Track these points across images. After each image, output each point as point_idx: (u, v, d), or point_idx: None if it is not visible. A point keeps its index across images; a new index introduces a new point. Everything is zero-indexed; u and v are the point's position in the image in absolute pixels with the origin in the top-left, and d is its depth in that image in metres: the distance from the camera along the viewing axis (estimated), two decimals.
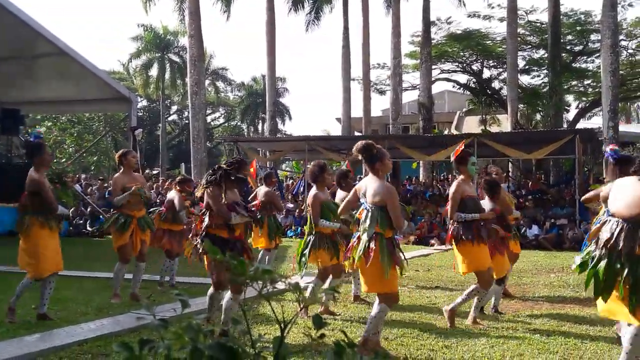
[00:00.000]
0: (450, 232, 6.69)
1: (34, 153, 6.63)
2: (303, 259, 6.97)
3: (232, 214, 5.72)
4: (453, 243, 6.63)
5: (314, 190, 7.14)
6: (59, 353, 5.32)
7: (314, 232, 7.01)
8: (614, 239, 4.29)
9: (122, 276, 7.87)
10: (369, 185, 5.50)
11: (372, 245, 5.28)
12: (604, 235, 4.37)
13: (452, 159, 6.69)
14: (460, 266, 6.62)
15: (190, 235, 6.89)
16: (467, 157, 6.61)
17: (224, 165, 6.01)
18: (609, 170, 5.84)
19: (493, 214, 6.83)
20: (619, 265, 4.27)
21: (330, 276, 7.23)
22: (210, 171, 6.01)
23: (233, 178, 5.89)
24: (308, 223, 7.17)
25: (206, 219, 5.93)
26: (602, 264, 4.35)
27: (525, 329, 6.47)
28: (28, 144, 6.98)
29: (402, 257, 5.53)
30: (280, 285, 1.30)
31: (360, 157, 5.63)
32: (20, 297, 6.64)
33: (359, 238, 5.48)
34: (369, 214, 5.38)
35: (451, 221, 6.68)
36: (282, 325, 1.20)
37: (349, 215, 6.50)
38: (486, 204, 7.21)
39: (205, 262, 5.95)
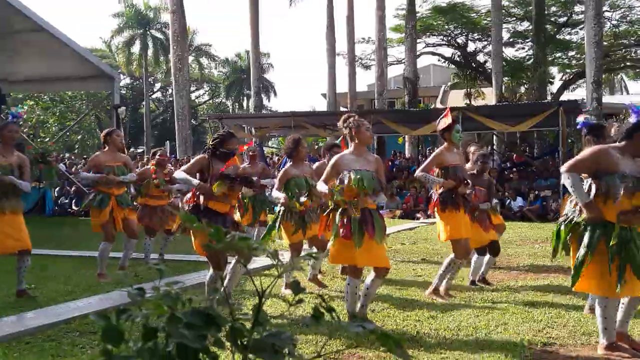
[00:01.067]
0: (434, 201, 6.72)
1: None
2: (272, 231, 7.00)
3: (182, 175, 5.76)
4: (435, 211, 6.66)
5: (287, 165, 7.17)
6: (47, 332, 5.31)
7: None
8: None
9: (106, 255, 7.81)
10: None
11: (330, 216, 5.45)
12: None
13: (440, 126, 6.64)
14: (441, 234, 6.65)
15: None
16: (452, 124, 6.62)
17: (209, 142, 6.04)
18: (585, 141, 5.88)
19: (452, 183, 6.67)
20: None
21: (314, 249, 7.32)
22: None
23: (218, 153, 5.89)
24: None
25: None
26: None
27: (509, 299, 6.55)
28: None
29: (377, 230, 5.39)
30: (259, 254, 1.31)
31: (344, 130, 5.70)
32: None
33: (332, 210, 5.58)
34: None
35: (435, 190, 6.71)
36: (260, 292, 1.21)
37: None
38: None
39: (194, 242, 5.76)
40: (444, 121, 6.58)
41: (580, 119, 6.02)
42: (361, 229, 5.28)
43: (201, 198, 5.79)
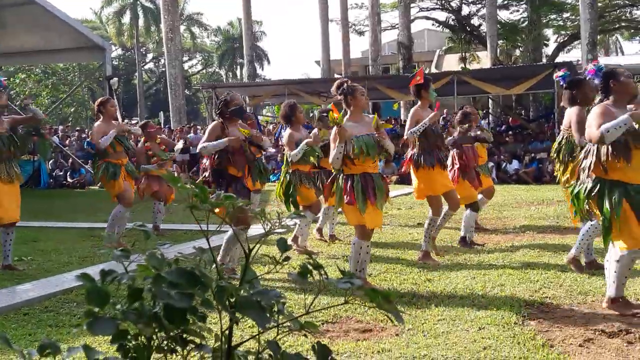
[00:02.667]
0: (408, 158, 6.73)
1: None
2: (291, 198, 7.04)
3: (207, 144, 5.77)
4: (411, 169, 6.68)
5: (288, 130, 7.22)
6: (44, 302, 5.33)
7: (290, 171, 7.11)
8: (588, 160, 4.47)
9: (125, 221, 7.75)
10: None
11: (342, 183, 5.40)
12: (584, 162, 4.54)
13: (414, 83, 6.66)
14: (415, 192, 6.72)
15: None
16: (429, 82, 6.71)
17: (216, 109, 6.09)
18: (565, 97, 5.85)
19: (440, 113, 6.91)
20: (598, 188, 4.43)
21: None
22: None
23: (227, 115, 5.92)
24: (284, 164, 7.26)
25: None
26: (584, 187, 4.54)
27: (505, 261, 6.57)
28: None
29: (378, 194, 5.43)
30: (251, 216, 1.29)
31: (339, 97, 5.67)
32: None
33: (335, 176, 5.54)
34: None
35: (411, 148, 6.72)
36: (246, 251, 1.19)
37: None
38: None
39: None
40: (417, 79, 6.62)
41: (560, 73, 5.99)
42: (364, 194, 5.30)
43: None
